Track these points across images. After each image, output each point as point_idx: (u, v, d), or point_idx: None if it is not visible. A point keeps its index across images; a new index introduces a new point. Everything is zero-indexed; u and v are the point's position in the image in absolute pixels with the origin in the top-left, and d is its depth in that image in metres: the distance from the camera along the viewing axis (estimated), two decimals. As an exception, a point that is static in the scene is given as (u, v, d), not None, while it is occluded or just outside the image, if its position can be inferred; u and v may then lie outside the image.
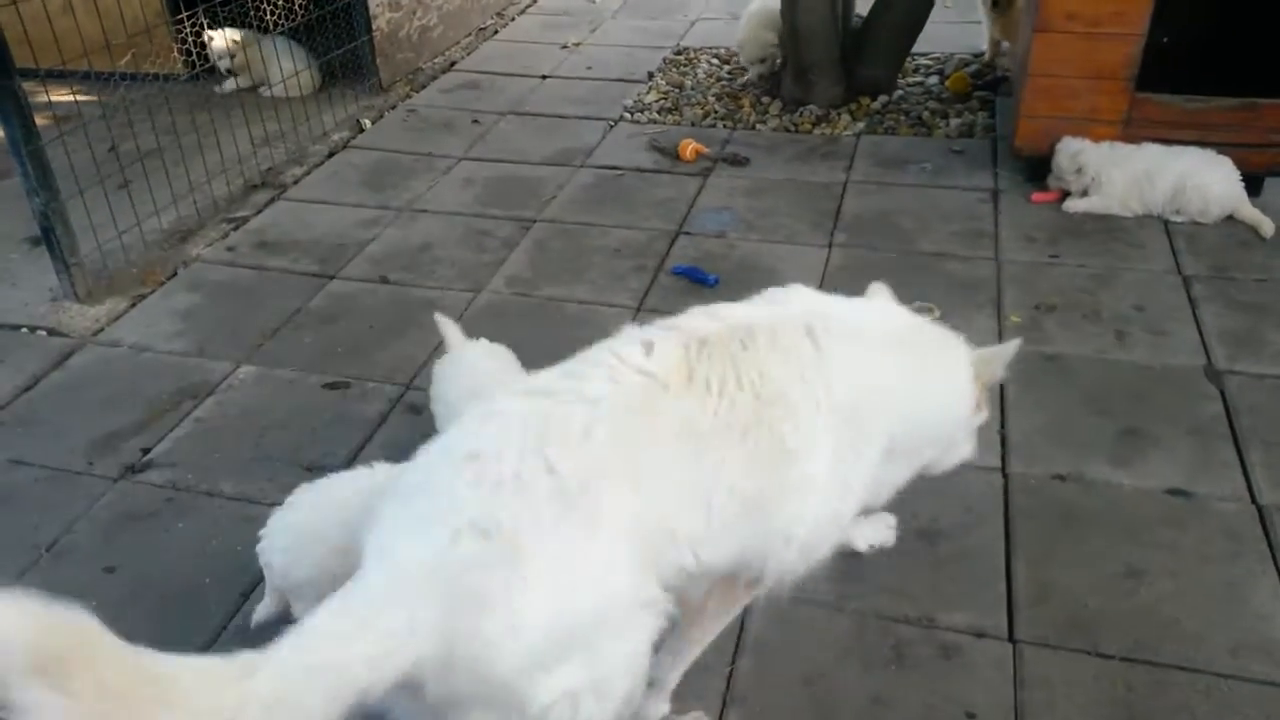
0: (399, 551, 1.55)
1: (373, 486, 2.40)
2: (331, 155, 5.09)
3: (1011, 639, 2.39)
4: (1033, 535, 2.66)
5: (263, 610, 2.42)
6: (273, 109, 5.14)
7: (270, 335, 3.67)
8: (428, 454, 1.71)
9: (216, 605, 2.59)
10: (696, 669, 2.35)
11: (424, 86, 5.91)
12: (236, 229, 4.43)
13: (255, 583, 2.63)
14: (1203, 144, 4.03)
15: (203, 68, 5.39)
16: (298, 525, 2.32)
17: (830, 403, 1.80)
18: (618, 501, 1.59)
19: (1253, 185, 4.06)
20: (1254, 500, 2.73)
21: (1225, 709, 2.20)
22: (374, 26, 5.58)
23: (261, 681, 1.37)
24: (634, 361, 1.74)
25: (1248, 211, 3.94)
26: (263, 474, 3.03)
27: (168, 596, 2.63)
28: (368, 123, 5.41)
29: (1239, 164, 3.97)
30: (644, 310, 3.71)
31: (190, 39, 5.51)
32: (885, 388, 1.92)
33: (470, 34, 6.67)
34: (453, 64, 6.24)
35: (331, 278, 4.03)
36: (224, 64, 5.49)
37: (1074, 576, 2.53)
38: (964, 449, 2.24)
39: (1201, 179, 3.92)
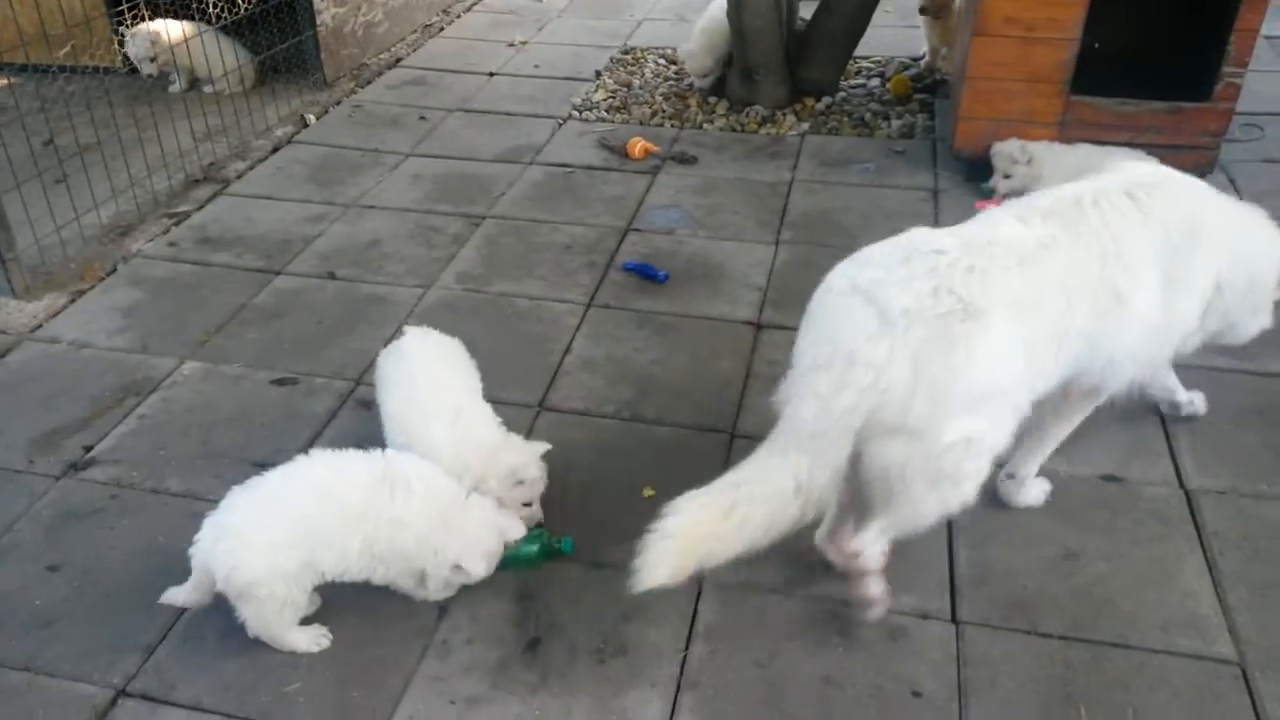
0: (889, 300, 2.11)
1: (314, 481, 2.39)
2: (276, 150, 5.03)
3: (955, 620, 2.47)
4: (974, 519, 2.73)
5: (179, 595, 2.40)
6: (215, 103, 5.07)
7: (215, 331, 3.63)
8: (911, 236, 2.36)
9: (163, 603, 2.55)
10: (649, 655, 2.40)
11: (369, 82, 5.87)
12: (178, 224, 4.36)
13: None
14: (1134, 145, 4.18)
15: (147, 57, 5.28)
16: (237, 527, 2.30)
17: (1159, 244, 2.33)
18: (1027, 317, 2.14)
19: (1179, 185, 4.21)
20: (1181, 485, 2.85)
21: (1157, 682, 2.30)
22: (318, 21, 5.52)
23: None
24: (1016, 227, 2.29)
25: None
26: (210, 471, 2.99)
27: (114, 593, 2.59)
28: (312, 118, 5.36)
29: (1168, 164, 4.10)
30: (595, 306, 3.74)
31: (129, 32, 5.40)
32: (1217, 229, 2.44)
33: (416, 30, 6.64)
34: (399, 60, 6.20)
35: (277, 273, 3.99)
36: (146, 69, 5.32)
37: (1013, 560, 2.62)
38: (1264, 318, 2.69)
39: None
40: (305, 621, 2.44)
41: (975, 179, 4.44)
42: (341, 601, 2.52)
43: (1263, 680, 2.29)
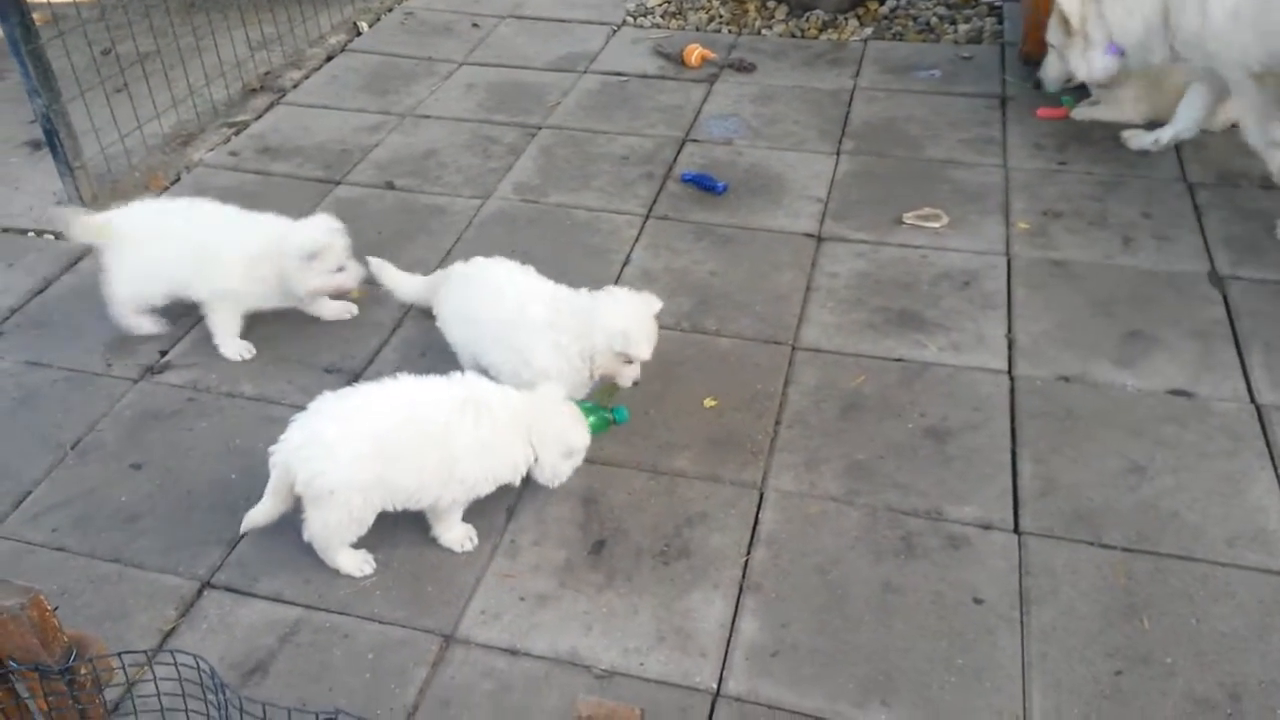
0: None
1: (404, 400, 2.43)
2: (330, 59, 5.00)
3: (1017, 530, 2.48)
4: (1038, 434, 2.74)
5: (256, 516, 2.45)
6: (269, 10, 5.03)
7: (279, 240, 3.66)
8: None
9: (243, 500, 2.63)
10: (711, 558, 2.45)
11: (421, -11, 5.77)
12: (238, 134, 4.38)
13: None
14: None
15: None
16: (324, 434, 2.34)
17: None
18: None
19: (1262, 93, 4.04)
20: (1253, 400, 2.81)
21: (1221, 594, 2.31)
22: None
23: None
24: None
25: (1256, 119, 3.92)
26: (282, 376, 3.07)
27: (195, 492, 2.69)
28: (365, 26, 5.30)
29: (1249, 71, 3.94)
30: (653, 217, 3.71)
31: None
32: None
33: (466, -66, 6.47)
34: (450, -35, 6.08)
35: (337, 183, 4.01)
36: None
37: (1078, 473, 2.62)
38: None
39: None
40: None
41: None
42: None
43: (1330, 594, 2.29)
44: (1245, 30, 3.27)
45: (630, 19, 5.30)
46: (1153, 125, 4.02)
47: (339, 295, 3.19)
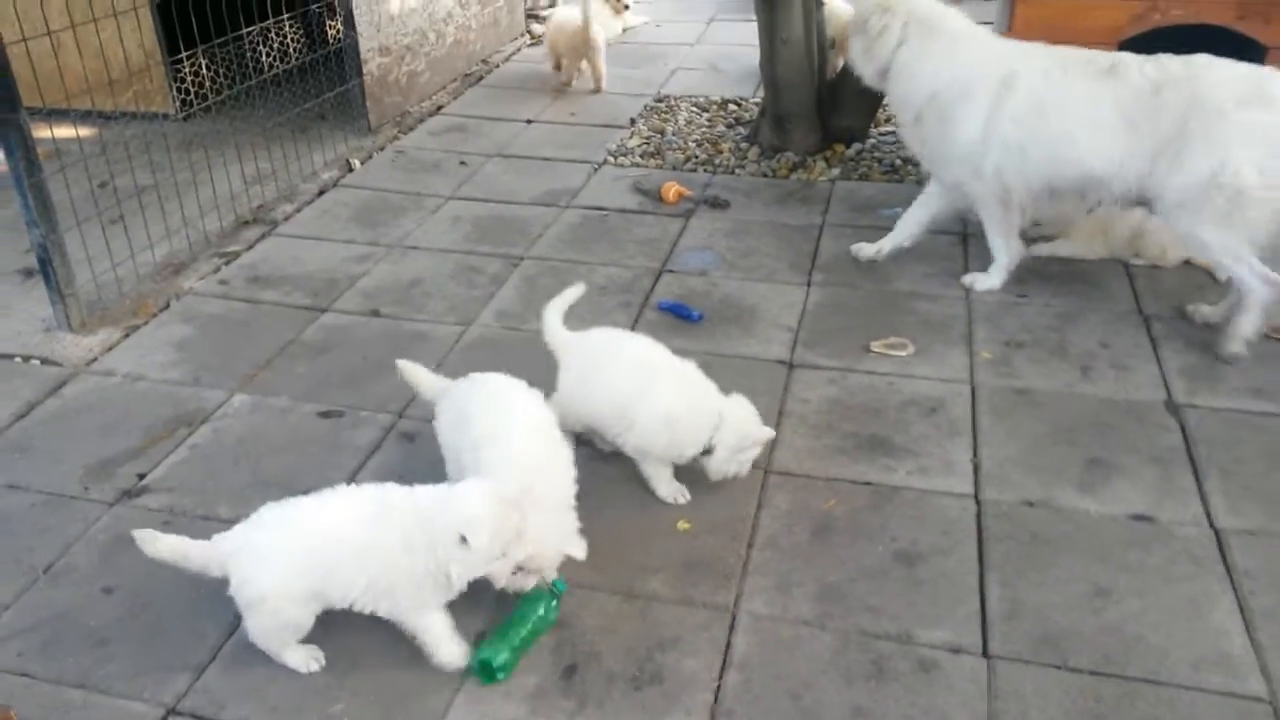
0: None
1: (340, 513, 2.46)
2: (322, 193, 5.20)
3: (986, 654, 2.50)
4: (1005, 557, 2.78)
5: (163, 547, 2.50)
6: (265, 148, 5.26)
7: (264, 365, 3.75)
8: None
9: (213, 625, 2.64)
10: (684, 683, 2.45)
11: (412, 129, 6.06)
12: (228, 263, 4.52)
13: (252, 603, 2.69)
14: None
15: (199, 106, 5.49)
16: (257, 543, 2.42)
17: None
18: None
19: (1207, 231, 4.27)
20: (1212, 524, 2.87)
21: (1188, 718, 2.32)
22: (364, 70, 5.73)
23: None
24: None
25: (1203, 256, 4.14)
26: (259, 498, 3.03)
27: (166, 615, 2.68)
28: (357, 163, 5.54)
29: (1194, 211, 4.18)
30: (630, 344, 3.82)
31: (187, 79, 5.63)
32: None
33: (457, 79, 6.85)
34: (440, 108, 6.40)
35: (324, 311, 4.12)
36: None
37: (1044, 595, 2.65)
38: None
39: (1159, 224, 4.12)
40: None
41: (1004, 224, 4.50)
42: (383, 625, 2.60)
43: (1296, 719, 2.30)
44: (1021, 157, 3.73)
45: (611, 158, 5.57)
46: (1105, 262, 4.23)
47: None
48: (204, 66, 5.66)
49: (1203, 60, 3.49)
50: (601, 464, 3.17)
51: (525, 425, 2.74)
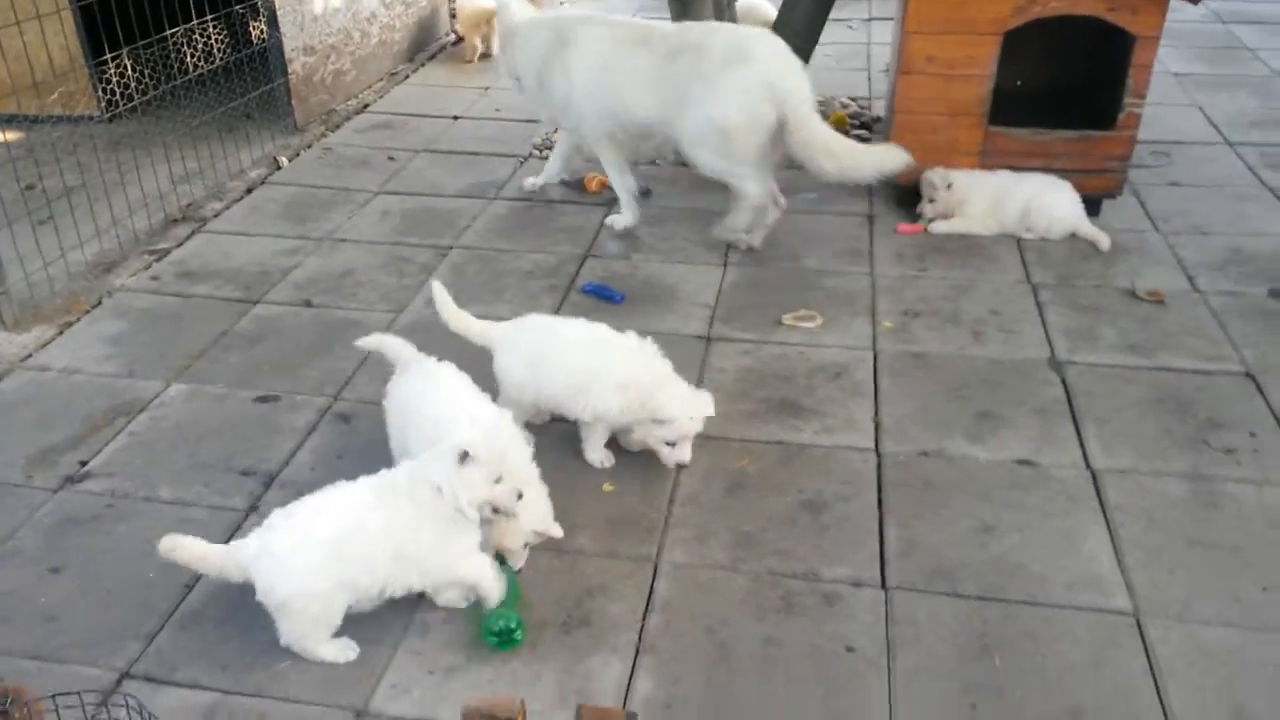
0: None
1: (350, 504, 2.58)
2: (250, 191, 5.29)
3: (884, 586, 2.75)
4: (902, 502, 3.04)
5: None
6: (192, 147, 5.32)
7: (198, 356, 3.86)
8: None
9: (162, 597, 2.77)
10: (610, 625, 2.65)
11: (339, 126, 6.16)
12: (159, 260, 4.59)
13: (198, 575, 2.82)
14: (1049, 170, 4.57)
15: (124, 107, 5.53)
16: (276, 547, 2.49)
17: None
18: None
19: (1092, 206, 4.61)
20: (1088, 466, 3.17)
21: (1062, 633, 2.59)
22: (289, 70, 5.82)
23: None
24: None
25: (1087, 229, 4.48)
26: (199, 480, 3.22)
27: (114, 590, 2.79)
28: (284, 160, 5.63)
29: (1079, 187, 4.52)
30: (556, 325, 4.01)
31: (112, 80, 5.66)
32: None
33: (383, 78, 6.95)
34: (366, 106, 6.51)
35: (256, 303, 4.23)
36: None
37: (936, 534, 2.91)
38: None
39: (1046, 200, 4.46)
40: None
41: (907, 204, 4.80)
42: (327, 588, 2.75)
43: (1153, 627, 2.59)
44: (595, 104, 4.50)
45: (536, 151, 5.74)
46: (999, 237, 4.54)
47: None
48: (129, 68, 5.69)
49: (713, 26, 4.48)
50: (530, 433, 3.35)
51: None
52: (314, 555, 2.48)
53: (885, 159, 4.25)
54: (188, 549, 2.49)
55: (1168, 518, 2.95)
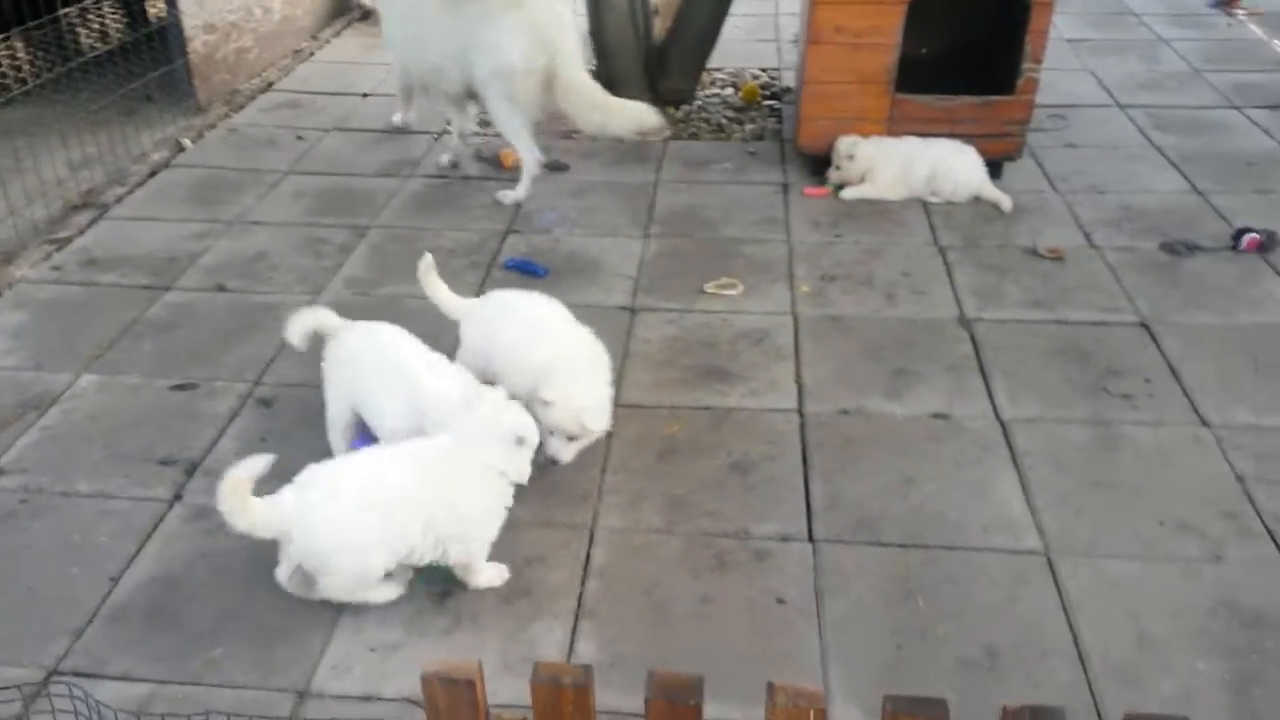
0: None
1: (384, 467, 2.59)
2: (153, 174, 5.12)
3: (811, 540, 2.85)
4: (825, 459, 3.15)
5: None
6: (90, 132, 5.12)
7: (109, 346, 3.75)
8: None
9: (87, 591, 2.71)
10: (549, 593, 2.69)
11: (243, 107, 5.99)
12: (60, 249, 4.42)
13: (123, 567, 2.77)
14: (953, 135, 4.73)
15: (17, 92, 5.28)
16: (314, 505, 2.50)
17: None
18: None
19: (995, 169, 4.79)
20: (997, 417, 3.32)
21: (979, 574, 2.73)
22: (189, 49, 5.63)
23: None
24: None
25: (990, 191, 4.65)
26: (118, 471, 3.14)
27: (36, 588, 2.72)
28: (188, 142, 5.46)
29: (981, 151, 4.69)
30: (479, 301, 4.01)
31: (3, 64, 5.39)
32: None
33: (287, 56, 6.77)
34: (271, 84, 6.34)
35: (167, 289, 4.12)
36: None
37: (859, 488, 3.03)
38: None
39: (951, 165, 4.62)
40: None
41: (819, 173, 4.91)
42: (261, 574, 2.73)
43: (1062, 564, 2.75)
44: (405, 49, 4.89)
45: (450, 128, 5.68)
46: (907, 202, 4.69)
47: None
48: (19, 51, 5.42)
49: None
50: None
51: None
52: (353, 510, 2.49)
53: (642, 117, 4.64)
54: (231, 498, 2.47)
55: (1072, 461, 3.11)
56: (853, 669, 2.46)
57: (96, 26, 5.67)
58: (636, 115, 4.62)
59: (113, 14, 5.90)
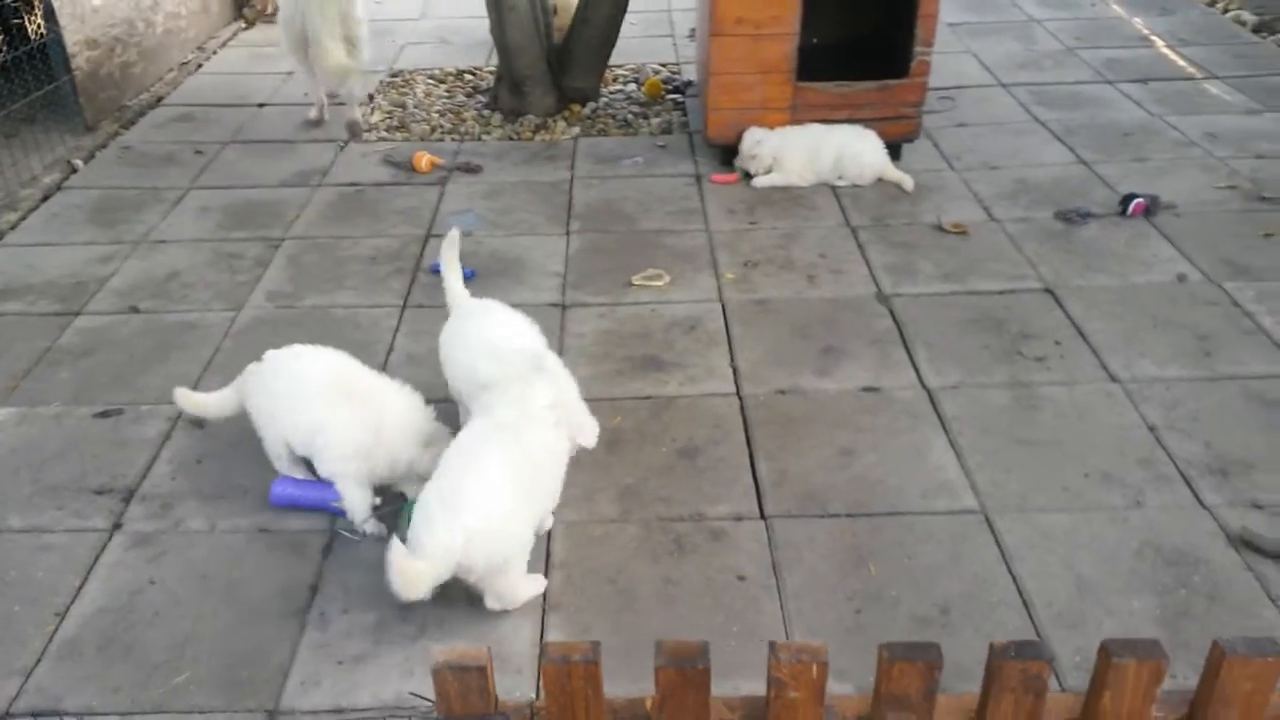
0: None
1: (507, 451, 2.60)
2: (46, 198, 4.90)
3: (763, 517, 2.95)
4: (767, 438, 3.25)
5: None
6: (-30, 155, 4.88)
7: (23, 376, 3.59)
8: None
9: (33, 630, 2.61)
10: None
11: (133, 123, 5.78)
12: (-47, 281, 4.21)
13: (69, 601, 2.68)
14: (854, 120, 4.90)
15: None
16: (488, 518, 2.48)
17: None
18: None
19: (895, 151, 4.99)
20: (924, 386, 3.48)
21: (924, 536, 2.87)
22: (73, 66, 5.40)
23: None
24: None
25: (892, 173, 4.85)
26: (50, 504, 3.03)
27: (-25, 631, 2.61)
28: (80, 163, 5.24)
29: (882, 134, 4.88)
30: (410, 307, 3.99)
31: None
32: None
33: (174, 69, 6.55)
34: (160, 99, 6.12)
35: (77, 314, 3.97)
36: None
37: (802, 463, 3.14)
38: None
39: (855, 149, 4.79)
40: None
41: (729, 162, 5.03)
42: (213, 600, 2.68)
43: (1000, 521, 2.91)
44: None
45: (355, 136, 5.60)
46: (817, 187, 4.85)
47: None
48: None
49: None
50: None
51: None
52: (510, 506, 2.53)
53: (348, 80, 5.42)
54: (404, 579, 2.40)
55: (997, 423, 3.30)
56: (817, 636, 2.56)
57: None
58: (342, 78, 5.42)
59: (-13, 31, 5.60)
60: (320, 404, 2.88)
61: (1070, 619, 2.59)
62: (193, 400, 3.11)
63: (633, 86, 6.22)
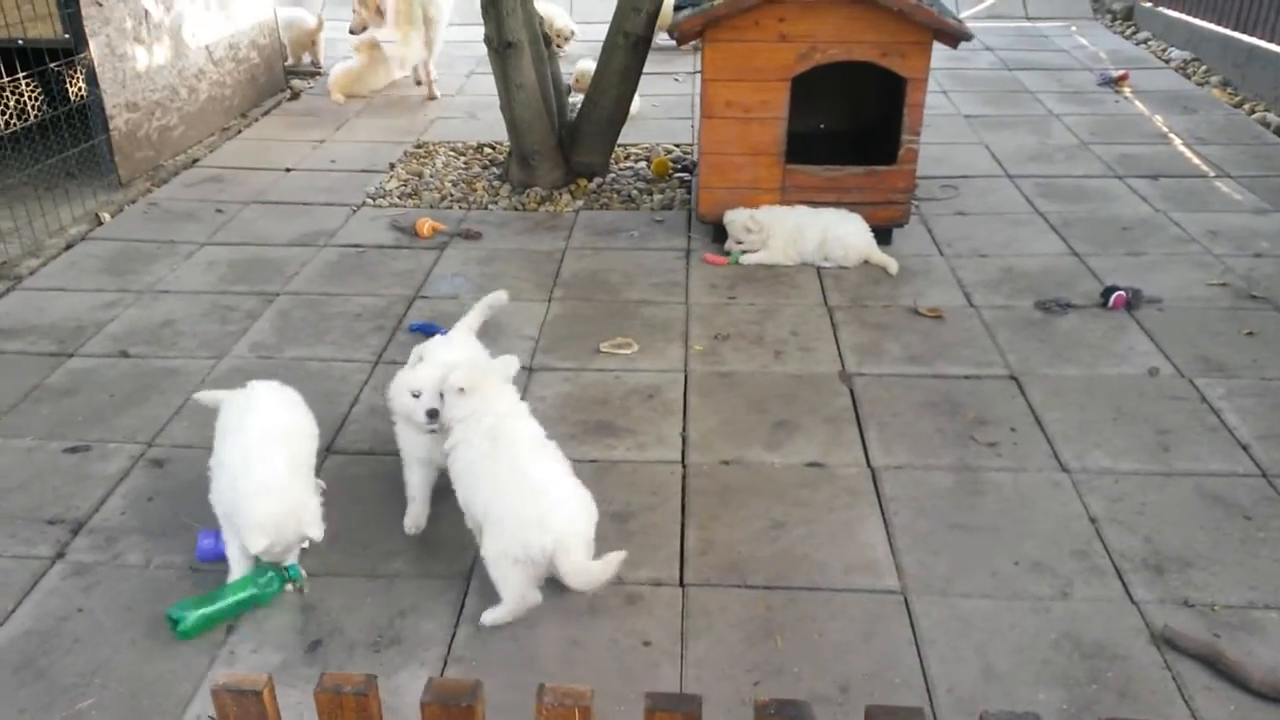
0: None
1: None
2: (69, 247, 5.20)
3: (681, 584, 2.94)
4: (702, 506, 3.26)
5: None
6: (6, 206, 5.20)
7: (7, 411, 3.78)
8: None
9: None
10: (420, 641, 2.74)
11: (165, 182, 6.11)
12: (-33, 319, 4.47)
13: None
14: (842, 204, 4.97)
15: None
16: (564, 505, 2.82)
17: None
18: None
19: (884, 235, 5.04)
20: (869, 464, 3.46)
21: (838, 613, 2.83)
22: (111, 127, 5.76)
23: None
24: None
25: (878, 256, 4.88)
26: (3, 531, 3.16)
27: (-100, 647, 2.72)
28: (107, 216, 5.55)
29: (869, 218, 4.93)
30: (382, 363, 4.12)
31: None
32: None
33: (214, 134, 6.93)
34: (195, 161, 6.48)
35: (70, 355, 4.17)
36: None
37: (731, 533, 3.14)
38: None
39: (839, 232, 4.85)
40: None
41: (721, 239, 5.12)
42: (133, 631, 2.76)
43: (918, 603, 2.86)
44: None
45: (369, 200, 5.85)
46: (802, 266, 4.90)
47: None
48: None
49: None
50: (350, 467, 3.45)
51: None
52: (577, 489, 2.87)
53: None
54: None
55: (935, 505, 3.25)
56: (709, 707, 2.52)
57: (14, 104, 5.78)
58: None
59: (30, 92, 6.01)
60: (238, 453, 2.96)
61: (970, 706, 2.52)
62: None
63: (643, 164, 6.39)
